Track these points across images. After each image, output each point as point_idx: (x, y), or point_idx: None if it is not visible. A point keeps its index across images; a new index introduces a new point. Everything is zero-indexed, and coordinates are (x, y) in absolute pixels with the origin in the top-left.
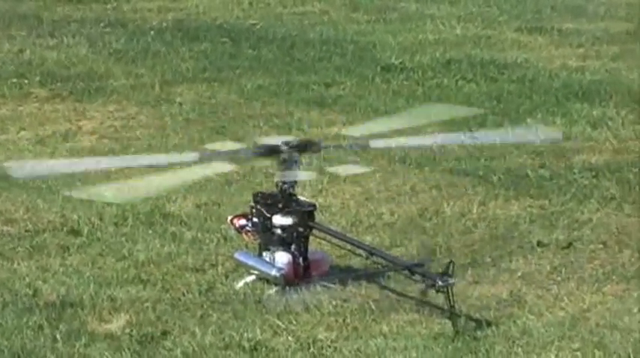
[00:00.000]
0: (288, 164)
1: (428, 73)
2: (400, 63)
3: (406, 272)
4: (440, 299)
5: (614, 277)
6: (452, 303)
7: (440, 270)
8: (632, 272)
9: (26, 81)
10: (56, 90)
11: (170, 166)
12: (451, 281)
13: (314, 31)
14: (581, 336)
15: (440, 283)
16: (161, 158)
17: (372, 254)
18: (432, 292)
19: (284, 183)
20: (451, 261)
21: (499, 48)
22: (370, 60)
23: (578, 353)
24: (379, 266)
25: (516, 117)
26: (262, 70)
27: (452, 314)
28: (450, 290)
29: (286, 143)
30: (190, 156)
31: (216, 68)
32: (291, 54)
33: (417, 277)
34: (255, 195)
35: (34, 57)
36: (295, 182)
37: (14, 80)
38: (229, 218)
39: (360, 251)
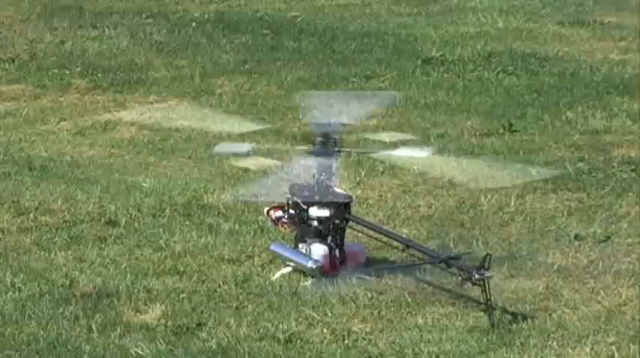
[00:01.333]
0: (324, 155)
1: (468, 66)
2: (441, 55)
3: (442, 264)
4: (476, 292)
5: None
6: (488, 296)
7: (476, 263)
8: None
9: (67, 72)
10: (97, 82)
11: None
12: (488, 274)
13: (355, 24)
14: (616, 330)
15: (476, 276)
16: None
17: (408, 246)
18: (468, 285)
19: (321, 174)
20: (488, 254)
21: (540, 41)
22: (411, 52)
23: (614, 347)
24: (415, 258)
25: (556, 111)
26: (303, 63)
27: (488, 307)
28: (486, 283)
29: (323, 134)
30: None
31: (257, 60)
32: (332, 46)
33: (454, 270)
34: (291, 187)
35: (76, 48)
36: (332, 174)
37: (55, 71)
38: (266, 209)
39: (397, 243)
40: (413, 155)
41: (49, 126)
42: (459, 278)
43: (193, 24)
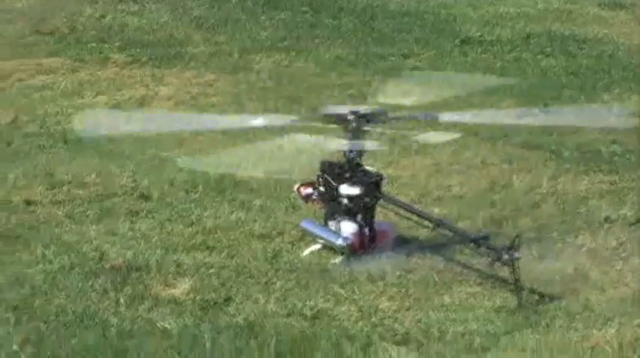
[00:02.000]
0: (355, 133)
1: (507, 47)
2: (480, 36)
3: (472, 244)
4: (504, 272)
5: None
6: (517, 277)
7: (506, 244)
8: None
9: (106, 46)
10: (135, 56)
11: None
12: (517, 255)
13: (395, 3)
14: None
15: (506, 256)
16: (231, 121)
17: (438, 225)
18: (497, 265)
19: (351, 152)
20: (517, 235)
21: (580, 23)
22: (450, 32)
23: (639, 330)
24: (445, 238)
25: (592, 93)
26: (341, 40)
27: (516, 288)
28: (515, 264)
29: (354, 112)
30: (259, 121)
31: (295, 37)
32: (371, 25)
33: (483, 250)
34: (322, 164)
35: (115, 22)
36: (362, 152)
37: (94, 45)
38: (296, 186)
39: (427, 223)
40: (445, 136)
41: (86, 99)
42: (489, 258)
43: (233, 0)
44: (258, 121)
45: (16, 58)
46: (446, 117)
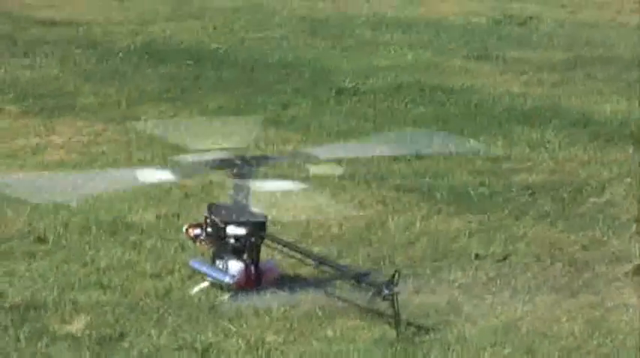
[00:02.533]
0: (241, 177)
1: (379, 96)
2: (353, 86)
3: (353, 281)
4: (384, 306)
5: (545, 288)
6: (397, 310)
7: (385, 279)
8: (562, 285)
9: None
10: (28, 107)
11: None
12: (396, 289)
13: (274, 56)
14: (512, 343)
15: (386, 291)
16: (127, 171)
17: (321, 263)
18: (377, 300)
19: (237, 194)
20: (396, 271)
21: (447, 74)
22: (325, 83)
23: None
24: (328, 274)
25: (461, 138)
26: (224, 91)
27: (396, 321)
28: (395, 298)
29: (239, 157)
30: (151, 169)
31: (180, 89)
32: (252, 76)
33: (364, 285)
34: (209, 206)
35: (8, 76)
36: (248, 194)
37: None
38: (185, 227)
39: (310, 260)
40: (325, 178)
41: None
42: (370, 293)
43: (120, 54)
44: (159, 173)
45: None
46: (326, 152)
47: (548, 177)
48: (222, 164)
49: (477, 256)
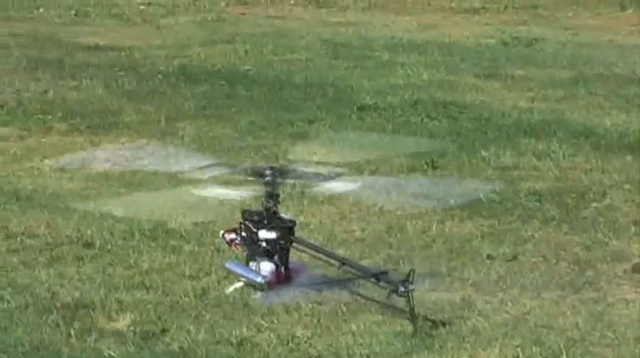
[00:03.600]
0: (271, 186)
1: (397, 112)
2: (374, 103)
3: (373, 279)
4: (402, 302)
5: (551, 285)
6: (412, 306)
7: (402, 278)
8: (566, 282)
9: (49, 117)
10: (75, 125)
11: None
12: (412, 287)
13: (300, 76)
14: (521, 335)
15: (402, 289)
16: (167, 181)
17: (343, 264)
18: (395, 296)
19: (268, 201)
20: (412, 270)
21: (459, 91)
22: (348, 100)
23: (519, 349)
24: (350, 274)
25: (472, 150)
26: (254, 108)
27: (412, 316)
28: (410, 295)
29: (270, 167)
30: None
31: (214, 107)
32: (280, 95)
33: (383, 283)
34: (243, 213)
35: (57, 96)
36: (278, 201)
37: (39, 116)
38: (221, 233)
39: (334, 261)
40: (348, 187)
41: (33, 163)
42: (388, 290)
43: (159, 76)
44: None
45: None
46: (345, 179)
47: (553, 184)
48: (254, 174)
49: (488, 256)
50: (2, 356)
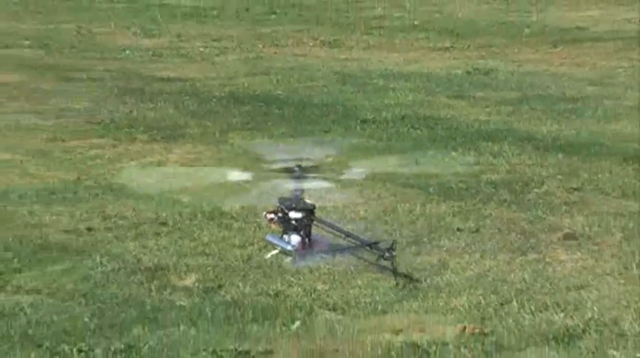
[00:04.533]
0: (298, 180)
1: (390, 124)
2: (372, 118)
3: (367, 248)
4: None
5: (504, 250)
6: (394, 267)
7: (387, 246)
8: (515, 247)
9: (134, 130)
10: (153, 136)
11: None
12: (394, 253)
13: (318, 98)
14: (483, 286)
15: (387, 254)
16: (222, 174)
17: (348, 236)
18: (382, 260)
19: (296, 191)
20: (394, 241)
21: (435, 108)
22: (353, 116)
23: (481, 297)
24: (354, 244)
25: (445, 151)
26: (285, 123)
27: (394, 274)
28: (393, 259)
29: (298, 166)
30: (244, 176)
31: (255, 122)
32: (303, 112)
33: (374, 250)
34: (279, 199)
35: (139, 115)
36: (303, 191)
37: (126, 130)
38: (264, 213)
39: (342, 235)
40: (355, 178)
41: (123, 164)
42: (377, 256)
43: (214, 99)
44: (243, 176)
45: (77, 139)
46: (355, 168)
47: (505, 175)
48: (285, 170)
49: (458, 229)
50: (102, 305)
